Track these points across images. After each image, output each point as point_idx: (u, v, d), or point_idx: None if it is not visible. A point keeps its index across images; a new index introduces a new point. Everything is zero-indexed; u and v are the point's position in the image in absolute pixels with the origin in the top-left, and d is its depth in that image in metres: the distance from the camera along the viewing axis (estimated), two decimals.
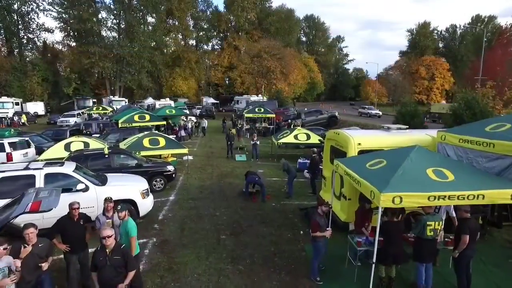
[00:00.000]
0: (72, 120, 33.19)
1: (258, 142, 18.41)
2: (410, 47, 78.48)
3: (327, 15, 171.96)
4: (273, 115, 27.72)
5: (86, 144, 13.10)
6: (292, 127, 25.47)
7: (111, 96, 49.00)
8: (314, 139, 17.72)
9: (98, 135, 19.33)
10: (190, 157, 17.82)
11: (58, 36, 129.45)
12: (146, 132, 14.78)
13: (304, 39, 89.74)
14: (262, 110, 28.18)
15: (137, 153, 13.19)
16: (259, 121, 29.91)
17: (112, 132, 17.75)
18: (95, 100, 49.71)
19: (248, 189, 11.14)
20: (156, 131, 16.12)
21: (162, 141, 14.04)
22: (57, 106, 52.15)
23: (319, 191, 10.34)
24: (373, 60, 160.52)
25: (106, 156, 10.92)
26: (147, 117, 20.78)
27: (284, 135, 18.31)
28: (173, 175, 12.22)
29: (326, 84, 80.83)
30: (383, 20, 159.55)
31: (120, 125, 19.51)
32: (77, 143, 13.00)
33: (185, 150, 14.17)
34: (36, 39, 53.47)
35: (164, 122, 22.50)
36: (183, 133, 23.95)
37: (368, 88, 70.60)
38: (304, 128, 19.28)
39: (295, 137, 17.81)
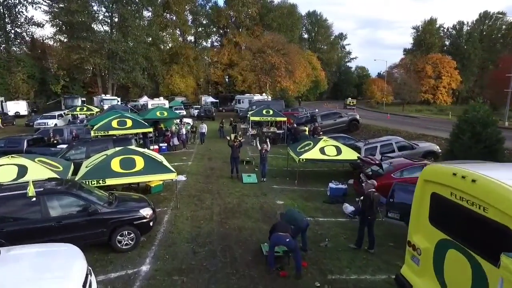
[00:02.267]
0: (51, 122, 28.96)
1: (267, 155, 14.07)
2: (416, 45, 75.18)
3: (326, 13, 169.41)
4: (285, 119, 23.16)
5: (22, 170, 8.63)
6: (305, 133, 21.04)
7: (103, 95, 44.95)
8: (348, 154, 13.29)
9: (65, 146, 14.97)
10: (183, 178, 13.49)
11: (48, 31, 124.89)
12: (117, 149, 10.24)
13: (306, 36, 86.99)
14: (271, 112, 23.19)
15: (101, 181, 8.91)
16: (265, 124, 25.04)
17: (76, 146, 12.92)
18: (84, 99, 45.60)
19: (273, 256, 6.69)
20: (132, 147, 11.49)
21: (140, 162, 9.67)
22: (43, 105, 48.17)
23: (403, 266, 5.89)
24: (373, 59, 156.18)
25: (33, 199, 6.47)
26: (129, 123, 16.23)
27: (306, 148, 13.88)
28: (150, 223, 7.60)
29: (328, 82, 77.37)
30: (383, 19, 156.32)
31: (92, 134, 15.03)
32: (7, 168, 8.53)
33: (172, 175, 9.77)
34: (24, 33, 49.34)
35: (151, 129, 17.94)
36: (176, 141, 19.54)
37: (373, 86, 67.16)
38: (331, 139, 14.71)
39: (321, 151, 13.29)
